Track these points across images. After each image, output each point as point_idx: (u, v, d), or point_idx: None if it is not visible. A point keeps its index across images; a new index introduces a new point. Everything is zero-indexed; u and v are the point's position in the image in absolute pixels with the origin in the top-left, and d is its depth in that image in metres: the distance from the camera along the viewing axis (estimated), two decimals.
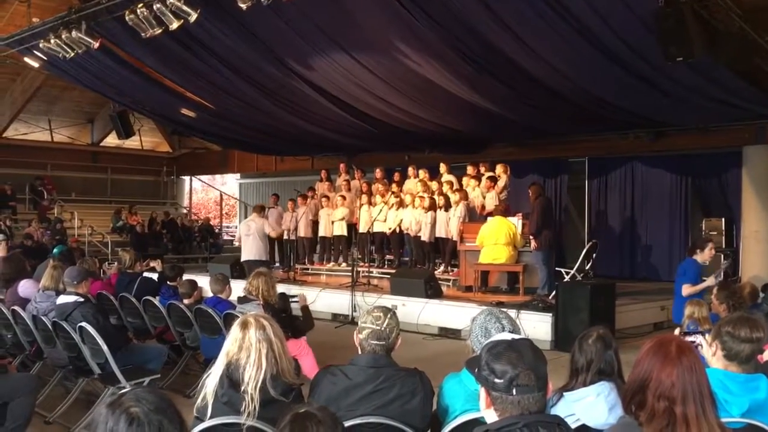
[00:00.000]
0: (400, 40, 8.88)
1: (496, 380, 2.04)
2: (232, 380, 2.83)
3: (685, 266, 6.89)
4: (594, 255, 11.40)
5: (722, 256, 11.82)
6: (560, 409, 2.79)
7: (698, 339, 3.36)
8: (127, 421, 1.76)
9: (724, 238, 12.53)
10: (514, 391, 2.02)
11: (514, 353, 2.06)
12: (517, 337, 2.21)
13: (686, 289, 6.64)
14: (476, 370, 2.12)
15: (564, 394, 2.92)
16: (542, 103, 10.05)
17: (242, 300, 5.97)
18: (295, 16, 8.78)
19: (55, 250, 10.91)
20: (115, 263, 9.50)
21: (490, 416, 2.09)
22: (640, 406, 2.16)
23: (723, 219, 12.67)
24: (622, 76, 8.49)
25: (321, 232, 14.39)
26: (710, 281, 6.72)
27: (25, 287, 6.75)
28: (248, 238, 11.14)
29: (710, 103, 9.39)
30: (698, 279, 6.78)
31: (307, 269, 14.58)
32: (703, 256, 6.81)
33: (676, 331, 3.43)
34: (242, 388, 2.79)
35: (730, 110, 9.71)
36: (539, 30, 7.74)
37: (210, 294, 6.98)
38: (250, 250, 11.17)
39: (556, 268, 10.95)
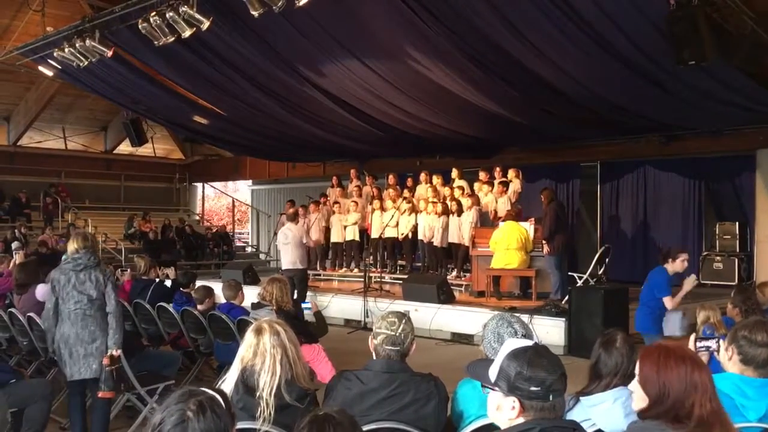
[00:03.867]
0: (412, 45, 8.90)
1: (534, 388, 2.02)
2: (247, 386, 2.84)
3: (658, 278, 6.36)
4: (607, 259, 11.35)
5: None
6: (576, 414, 2.78)
7: (713, 344, 3.34)
8: (177, 419, 1.75)
9: (738, 242, 12.46)
10: (550, 397, 2.03)
11: (544, 360, 2.07)
12: (528, 342, 2.20)
13: (669, 302, 6.24)
14: (501, 380, 2.08)
15: (581, 398, 2.91)
16: (554, 107, 10.05)
17: (256, 306, 5.99)
18: (307, 24, 8.82)
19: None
20: (128, 270, 9.55)
21: (509, 424, 2.08)
22: (685, 419, 2.13)
23: (737, 223, 12.59)
24: (634, 80, 8.47)
25: (333, 238, 14.41)
26: (688, 285, 6.29)
27: (42, 291, 6.79)
28: (286, 246, 11.02)
29: (723, 107, 9.35)
30: (670, 289, 6.35)
31: (320, 275, 14.60)
32: (674, 267, 6.32)
33: (692, 337, 3.40)
34: (257, 394, 2.80)
35: (743, 113, 9.67)
36: (550, 34, 7.74)
37: (223, 300, 7.01)
38: (287, 259, 11.10)
39: (569, 273, 10.91)
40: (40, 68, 12.51)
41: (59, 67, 11.71)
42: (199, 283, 7.85)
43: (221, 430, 1.83)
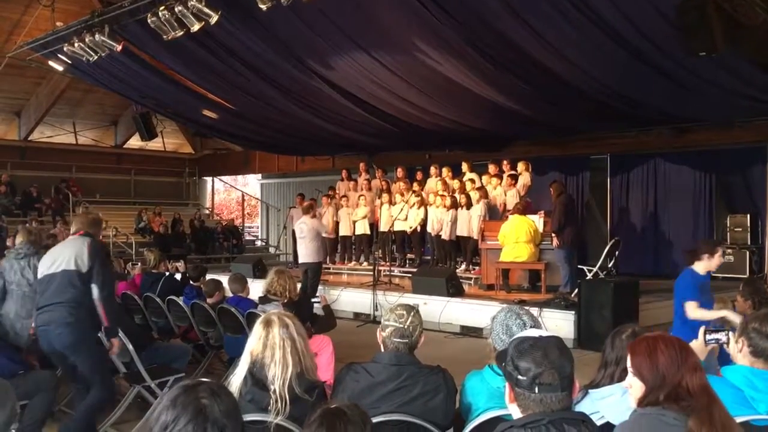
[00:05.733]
0: (420, 38, 8.88)
1: (519, 377, 2.05)
2: (256, 378, 2.85)
3: (682, 281, 5.39)
4: (617, 252, 11.31)
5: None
6: (585, 407, 2.78)
7: (723, 336, 3.32)
8: (194, 411, 1.72)
9: (749, 234, 12.38)
10: (536, 389, 2.03)
11: (538, 351, 2.07)
12: (545, 334, 2.21)
13: (692, 311, 5.14)
14: (502, 364, 2.13)
15: (589, 391, 2.91)
16: (563, 100, 9.99)
17: (263, 300, 6.00)
18: (315, 16, 8.81)
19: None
20: (139, 263, 9.60)
21: (515, 411, 2.10)
22: (679, 398, 2.19)
23: (748, 215, 12.51)
24: (644, 71, 8.41)
25: (342, 232, 14.43)
26: (729, 315, 4.97)
27: None
28: (303, 240, 11.02)
29: (734, 98, 9.27)
30: (697, 293, 5.27)
31: (329, 268, 14.62)
32: (711, 264, 5.35)
33: (701, 330, 3.38)
34: (271, 388, 2.80)
35: (755, 105, 9.58)
36: (559, 26, 7.70)
37: (231, 294, 7.04)
38: (303, 253, 11.10)
39: (579, 266, 10.88)
40: (51, 63, 12.56)
41: (69, 61, 11.76)
42: (209, 277, 7.89)
43: (237, 410, 1.83)
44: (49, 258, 5.01)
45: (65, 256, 4.90)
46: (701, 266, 5.37)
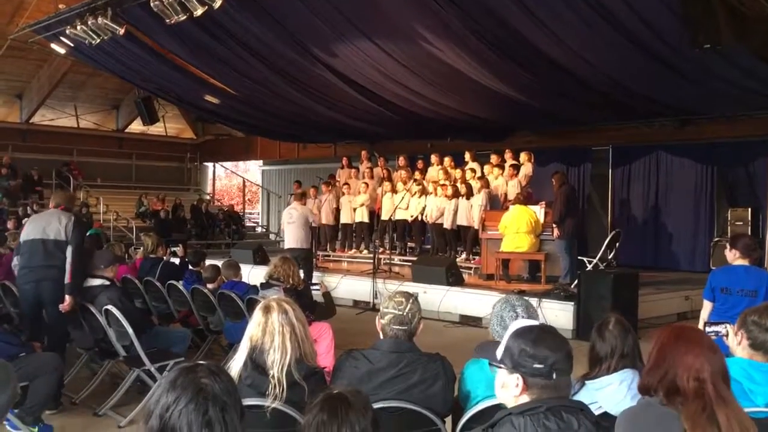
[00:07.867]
0: (423, 26, 8.85)
1: (537, 365, 2.06)
2: (256, 363, 2.86)
3: None
4: (617, 244, 11.31)
5: None
6: (582, 397, 2.78)
7: (722, 329, 3.33)
8: (194, 390, 1.73)
9: (750, 228, 12.36)
10: (554, 375, 2.05)
11: (550, 338, 2.10)
12: (537, 322, 2.22)
13: None
14: (506, 358, 2.12)
15: (586, 382, 2.92)
16: (566, 90, 9.97)
17: (265, 286, 6.02)
18: (319, 3, 8.78)
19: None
20: (141, 248, 9.61)
21: (514, 402, 2.10)
22: (670, 393, 2.17)
23: (749, 209, 12.48)
24: (647, 62, 8.39)
25: (342, 219, 14.43)
26: None
27: None
28: (291, 225, 11.01)
29: (737, 91, 9.26)
30: None
31: (329, 256, 14.63)
32: None
33: (701, 321, 3.40)
34: (270, 373, 2.81)
35: (758, 98, 9.57)
36: (563, 15, 7.68)
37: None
38: (291, 238, 11.12)
39: (579, 257, 10.87)
40: (53, 46, 12.52)
41: (71, 44, 11.72)
42: (209, 263, 7.90)
43: (236, 388, 1.85)
44: (37, 226, 5.72)
45: (55, 227, 5.66)
46: None
